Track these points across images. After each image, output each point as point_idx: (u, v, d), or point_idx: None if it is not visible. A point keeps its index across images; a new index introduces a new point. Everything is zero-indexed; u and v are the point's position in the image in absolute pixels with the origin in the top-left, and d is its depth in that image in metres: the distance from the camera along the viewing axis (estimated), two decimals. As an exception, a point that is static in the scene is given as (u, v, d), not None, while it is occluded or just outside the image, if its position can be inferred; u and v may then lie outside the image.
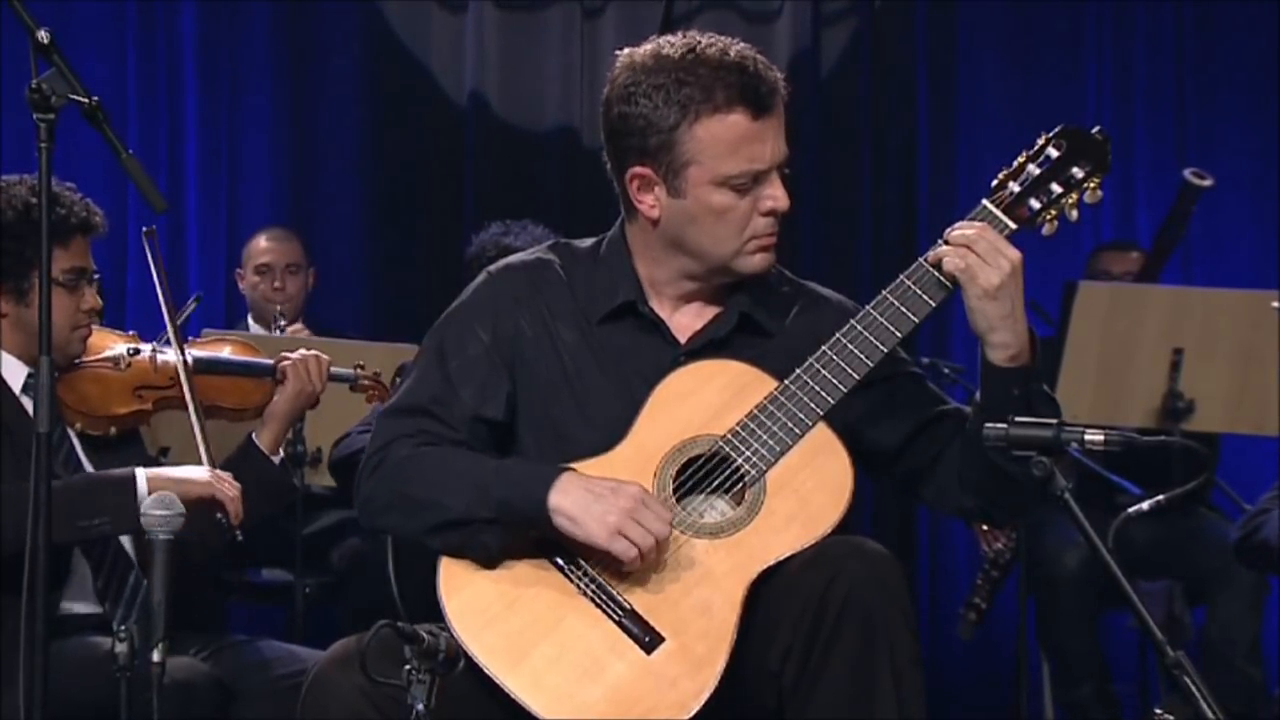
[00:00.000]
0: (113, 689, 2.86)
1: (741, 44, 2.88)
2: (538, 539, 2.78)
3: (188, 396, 3.70)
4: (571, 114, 6.69)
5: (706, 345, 2.91)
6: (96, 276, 3.68)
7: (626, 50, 2.90)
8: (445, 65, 6.74)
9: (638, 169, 2.87)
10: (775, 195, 2.84)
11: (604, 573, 2.75)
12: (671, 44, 2.86)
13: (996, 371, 2.83)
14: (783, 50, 6.70)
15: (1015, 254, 2.79)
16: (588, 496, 2.72)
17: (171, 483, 3.44)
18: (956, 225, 2.84)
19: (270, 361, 3.92)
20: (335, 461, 4.48)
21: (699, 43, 2.85)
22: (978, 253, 2.78)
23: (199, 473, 3.53)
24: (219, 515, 3.53)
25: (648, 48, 2.87)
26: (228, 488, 3.54)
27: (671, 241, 2.90)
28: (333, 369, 3.98)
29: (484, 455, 2.88)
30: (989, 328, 2.80)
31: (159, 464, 3.89)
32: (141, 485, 3.44)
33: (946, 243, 2.82)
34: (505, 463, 2.85)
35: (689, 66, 2.81)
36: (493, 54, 6.71)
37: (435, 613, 2.76)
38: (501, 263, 3.04)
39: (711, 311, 2.94)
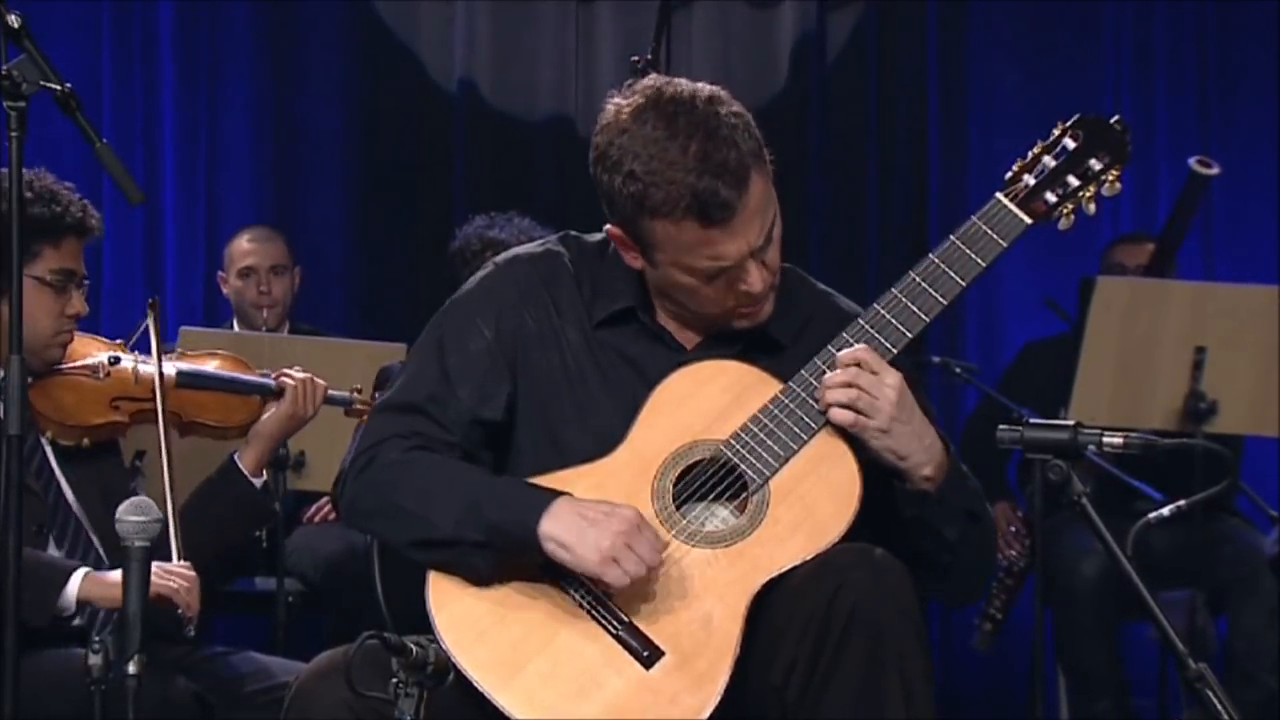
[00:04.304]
0: (86, 702, 2.86)
1: (721, 124, 2.75)
2: (532, 551, 2.79)
3: (161, 434, 3.68)
4: (566, 102, 6.69)
5: (713, 356, 2.90)
6: (86, 282, 3.68)
7: (617, 97, 2.84)
8: (434, 50, 6.74)
9: (612, 229, 2.87)
10: (749, 281, 2.81)
11: (600, 583, 2.75)
12: (648, 113, 2.77)
13: (921, 500, 2.79)
14: (786, 35, 6.71)
15: (895, 373, 2.78)
16: (581, 522, 2.71)
17: (108, 586, 3.41)
18: (962, 229, 2.84)
19: (259, 379, 3.92)
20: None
21: (671, 120, 2.75)
22: (863, 388, 2.75)
23: None
24: (180, 611, 3.46)
25: (626, 111, 2.79)
26: (176, 580, 3.46)
27: (658, 292, 2.91)
28: (329, 392, 3.98)
29: (477, 468, 2.87)
30: (898, 458, 2.78)
31: (135, 470, 3.88)
32: (71, 588, 3.42)
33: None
34: (499, 482, 2.84)
35: (649, 159, 2.74)
36: (483, 39, 6.71)
37: (424, 624, 2.76)
38: (509, 253, 3.03)
39: (717, 328, 2.92)
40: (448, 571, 2.79)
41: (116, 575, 3.44)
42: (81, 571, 3.44)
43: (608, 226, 2.88)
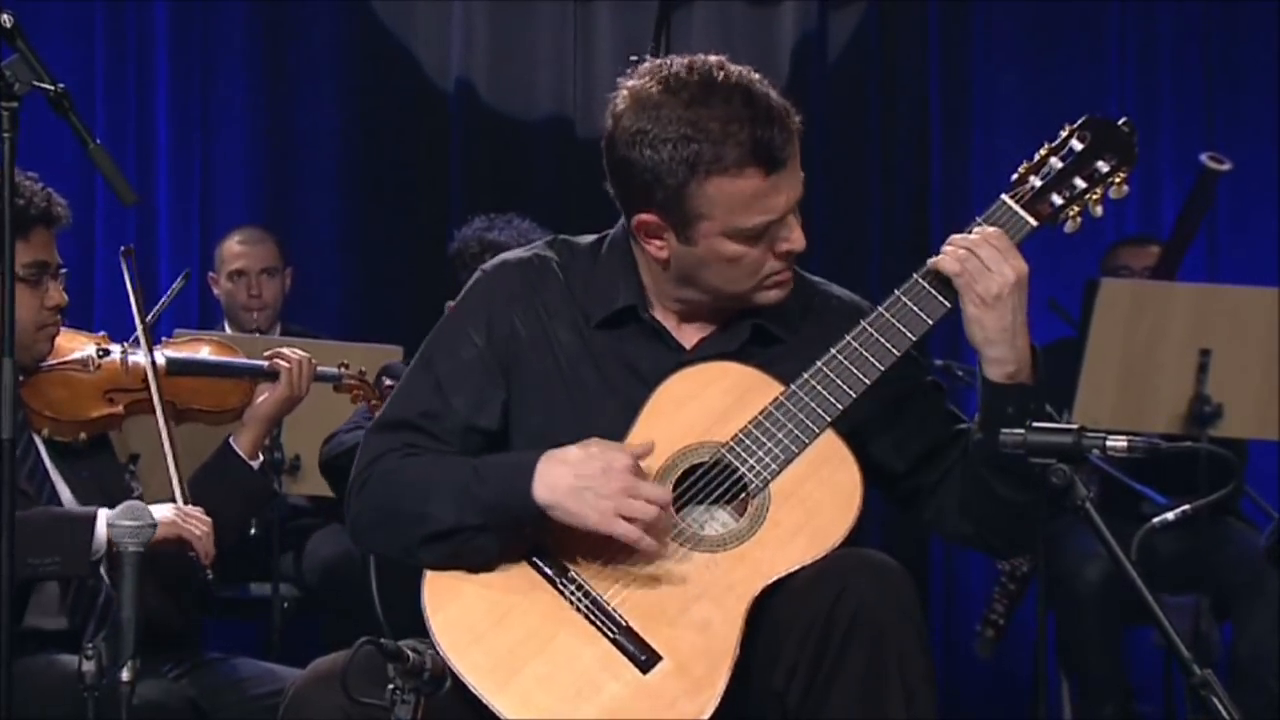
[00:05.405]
0: (79, 709, 2.86)
1: (751, 80, 2.80)
2: (530, 550, 2.78)
3: (157, 407, 3.69)
4: (564, 102, 6.69)
5: (714, 356, 2.90)
6: (63, 271, 3.67)
7: (630, 82, 2.83)
8: (431, 50, 6.74)
9: (644, 216, 2.84)
10: (791, 238, 2.84)
11: (598, 586, 2.75)
12: (678, 82, 2.78)
13: (991, 388, 2.83)
14: (787, 35, 6.70)
15: (1021, 265, 2.79)
16: (576, 484, 2.72)
17: None
18: (971, 227, 2.84)
19: (251, 362, 3.93)
20: (325, 461, 4.51)
21: (706, 82, 2.77)
22: (980, 258, 2.78)
23: (161, 512, 3.47)
24: (190, 554, 3.50)
25: (653, 88, 2.80)
26: (195, 525, 3.50)
27: (681, 279, 2.89)
28: (318, 369, 3.99)
29: (461, 457, 2.86)
30: (985, 340, 2.80)
31: (129, 472, 3.88)
32: (100, 528, 3.41)
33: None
34: (482, 461, 2.83)
35: (696, 120, 2.75)
36: (481, 37, 6.71)
37: (420, 628, 2.76)
38: (497, 259, 3.02)
39: (718, 322, 2.93)
40: (459, 565, 2.79)
41: None
42: (103, 513, 3.44)
43: (639, 217, 2.84)
